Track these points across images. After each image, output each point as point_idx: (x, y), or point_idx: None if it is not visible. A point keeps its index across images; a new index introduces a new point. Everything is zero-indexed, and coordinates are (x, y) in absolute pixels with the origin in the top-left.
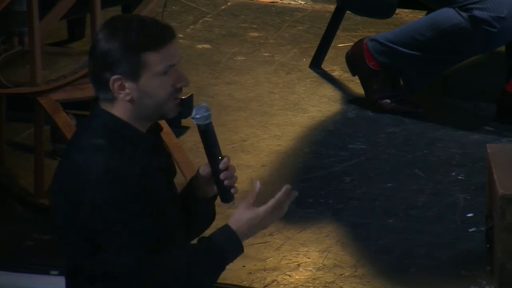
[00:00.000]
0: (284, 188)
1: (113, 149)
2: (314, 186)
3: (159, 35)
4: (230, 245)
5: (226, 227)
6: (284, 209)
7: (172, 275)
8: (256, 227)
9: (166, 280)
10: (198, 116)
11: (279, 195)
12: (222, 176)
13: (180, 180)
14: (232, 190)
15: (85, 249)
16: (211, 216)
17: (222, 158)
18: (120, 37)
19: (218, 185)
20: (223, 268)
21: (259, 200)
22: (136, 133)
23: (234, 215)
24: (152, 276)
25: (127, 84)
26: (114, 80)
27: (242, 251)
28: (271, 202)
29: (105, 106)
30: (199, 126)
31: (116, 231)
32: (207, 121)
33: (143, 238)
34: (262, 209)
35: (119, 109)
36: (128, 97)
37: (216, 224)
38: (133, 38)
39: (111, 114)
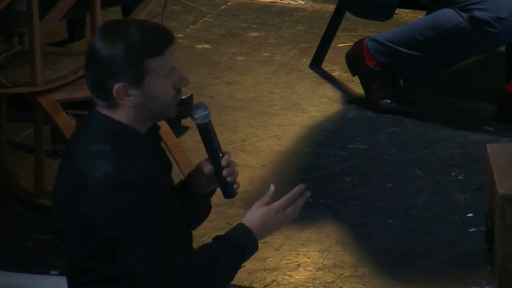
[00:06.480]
0: (297, 187)
1: (119, 154)
2: (314, 186)
3: (161, 39)
4: (247, 242)
5: (241, 225)
6: (298, 208)
7: (197, 276)
8: (270, 224)
9: (192, 281)
10: (197, 115)
11: (292, 192)
12: (224, 172)
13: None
14: (235, 186)
15: (98, 253)
16: (207, 210)
17: (223, 155)
18: (122, 44)
19: (221, 181)
20: (240, 266)
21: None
22: (139, 136)
23: (248, 214)
24: (178, 277)
25: (131, 91)
26: (118, 88)
27: (257, 248)
28: (283, 199)
29: (104, 111)
30: (198, 125)
31: (135, 235)
32: (206, 120)
33: (162, 239)
34: (274, 205)
35: (120, 114)
36: (133, 103)
37: (216, 224)
38: (136, 45)
39: (111, 119)
